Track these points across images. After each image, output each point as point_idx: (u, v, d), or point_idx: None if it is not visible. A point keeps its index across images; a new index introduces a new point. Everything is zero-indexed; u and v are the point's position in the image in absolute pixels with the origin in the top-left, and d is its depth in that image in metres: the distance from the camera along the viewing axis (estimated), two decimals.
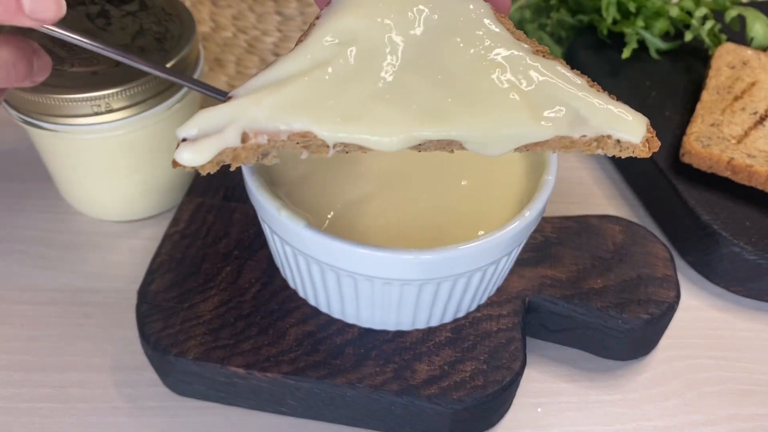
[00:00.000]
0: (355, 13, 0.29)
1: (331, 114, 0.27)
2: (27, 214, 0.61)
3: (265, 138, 0.27)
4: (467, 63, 0.29)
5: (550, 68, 0.29)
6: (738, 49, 0.68)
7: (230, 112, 0.27)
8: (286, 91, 0.27)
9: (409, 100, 0.28)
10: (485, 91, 0.28)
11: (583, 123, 0.29)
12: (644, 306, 0.49)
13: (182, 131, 0.27)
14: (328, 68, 0.28)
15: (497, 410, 0.48)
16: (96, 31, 0.54)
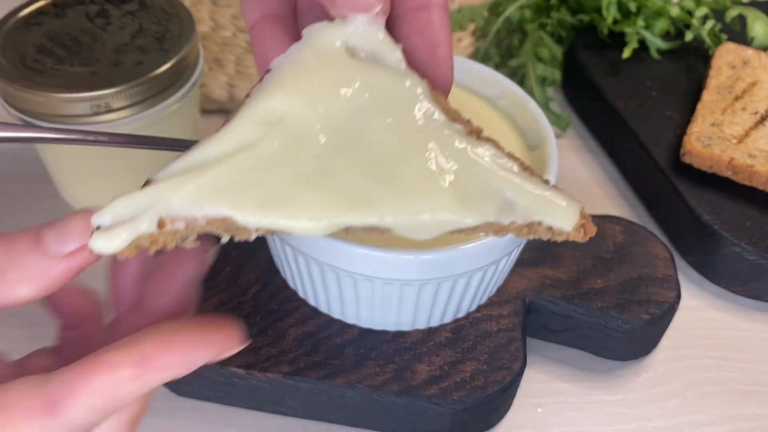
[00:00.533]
0: (284, 93, 0.28)
1: (251, 200, 0.27)
2: (27, 214, 0.61)
3: (183, 224, 0.27)
4: (397, 146, 0.28)
5: (482, 151, 0.29)
6: (739, 49, 0.67)
7: (148, 198, 0.27)
8: (206, 177, 0.27)
9: (335, 186, 0.27)
10: (412, 176, 0.28)
11: (512, 209, 0.28)
12: (645, 306, 0.49)
13: (96, 218, 0.27)
14: (252, 151, 0.27)
15: (497, 410, 0.48)
16: (95, 31, 0.54)
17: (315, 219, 0.27)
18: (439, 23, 0.32)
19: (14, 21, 0.54)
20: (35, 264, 0.28)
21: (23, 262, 0.28)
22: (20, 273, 0.28)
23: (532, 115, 0.49)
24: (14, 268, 0.28)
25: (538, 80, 0.70)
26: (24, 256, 0.28)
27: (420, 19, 0.32)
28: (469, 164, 0.28)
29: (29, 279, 0.28)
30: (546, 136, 0.47)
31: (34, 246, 0.29)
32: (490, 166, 0.28)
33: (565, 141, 0.71)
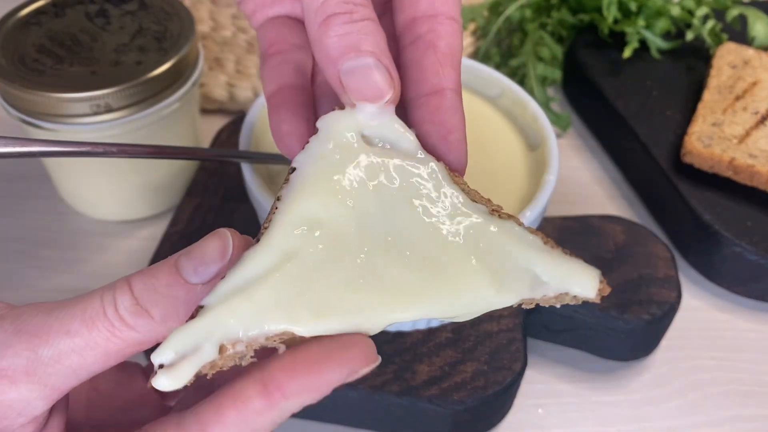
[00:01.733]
0: (315, 195, 0.29)
1: (305, 312, 0.27)
2: (27, 214, 0.61)
3: (243, 346, 0.27)
4: (428, 234, 0.29)
5: (508, 231, 0.30)
6: (739, 49, 0.67)
7: (205, 327, 0.27)
8: (258, 294, 0.27)
9: (380, 285, 0.28)
10: (448, 264, 0.29)
11: (542, 285, 0.29)
12: (645, 306, 0.49)
13: (158, 357, 0.26)
14: (296, 261, 0.28)
15: (498, 411, 0.47)
16: (95, 31, 0.54)
17: (369, 323, 0.28)
18: (452, 109, 0.32)
19: (14, 21, 0.54)
20: (180, 297, 0.28)
21: (168, 298, 0.28)
22: (166, 309, 0.28)
23: (533, 114, 0.49)
24: (160, 305, 0.28)
25: (538, 80, 0.70)
26: (168, 291, 0.28)
27: (432, 104, 0.32)
28: (498, 245, 0.29)
29: (175, 314, 0.28)
30: (546, 135, 0.47)
31: (175, 280, 0.28)
32: (518, 244, 0.29)
33: (565, 141, 0.71)
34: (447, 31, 0.32)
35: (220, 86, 0.70)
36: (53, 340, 0.27)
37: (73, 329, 0.27)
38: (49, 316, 0.27)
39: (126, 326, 0.27)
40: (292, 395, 0.27)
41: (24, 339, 0.27)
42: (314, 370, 0.27)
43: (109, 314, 0.27)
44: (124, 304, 0.27)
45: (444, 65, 0.32)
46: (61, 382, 0.27)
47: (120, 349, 0.28)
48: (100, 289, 0.28)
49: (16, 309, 0.28)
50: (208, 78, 0.71)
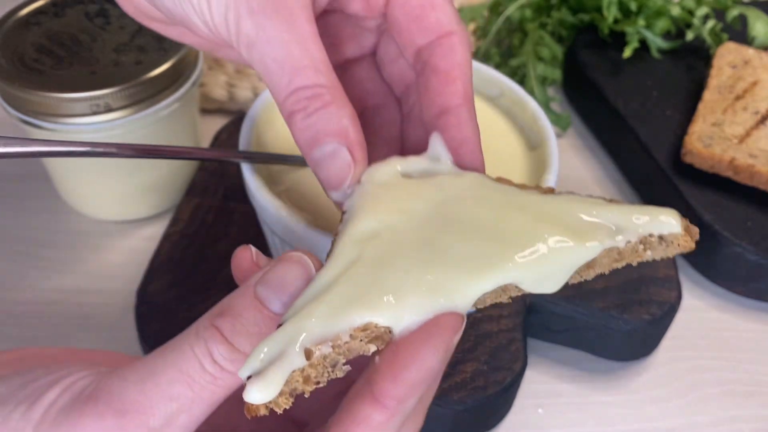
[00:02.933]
0: (369, 213, 0.30)
1: (382, 299, 0.27)
2: (27, 214, 0.61)
3: (329, 346, 0.26)
4: (489, 215, 0.29)
5: (568, 198, 0.30)
6: (739, 49, 0.67)
7: (286, 334, 0.26)
8: (331, 296, 0.27)
9: (451, 261, 0.28)
10: (519, 230, 0.28)
11: (622, 231, 0.29)
12: (646, 306, 0.49)
13: (245, 370, 0.26)
14: (361, 262, 0.28)
15: (498, 411, 0.47)
16: (95, 30, 0.54)
17: (452, 300, 0.27)
18: (459, 124, 0.33)
19: (13, 20, 0.54)
20: (271, 330, 0.27)
21: (260, 335, 0.27)
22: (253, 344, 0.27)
23: (533, 114, 0.49)
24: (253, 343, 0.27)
25: (538, 80, 0.70)
26: (258, 328, 0.27)
27: (440, 124, 0.33)
28: (565, 209, 0.29)
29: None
30: (546, 135, 0.47)
31: (263, 315, 0.27)
32: (584, 205, 0.29)
33: (565, 140, 0.71)
34: (446, 49, 0.33)
35: (220, 86, 0.70)
36: (159, 410, 0.26)
37: (176, 393, 0.26)
38: (145, 385, 0.26)
39: (227, 374, 0.27)
40: (405, 397, 0.27)
41: (129, 419, 0.26)
42: (414, 364, 0.27)
43: (207, 367, 0.27)
44: (220, 353, 0.27)
45: (447, 83, 0.33)
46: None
47: (223, 396, 0.27)
48: (187, 338, 0.27)
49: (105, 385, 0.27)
50: (208, 78, 0.71)
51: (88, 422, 0.25)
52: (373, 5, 0.35)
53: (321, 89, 0.31)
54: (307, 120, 0.31)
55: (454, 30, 0.33)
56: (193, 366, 0.26)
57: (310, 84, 0.31)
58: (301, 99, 0.31)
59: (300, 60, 0.30)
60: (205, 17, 0.32)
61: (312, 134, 0.31)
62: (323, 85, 0.31)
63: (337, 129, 0.30)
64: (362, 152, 0.31)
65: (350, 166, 0.31)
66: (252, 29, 0.31)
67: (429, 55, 0.34)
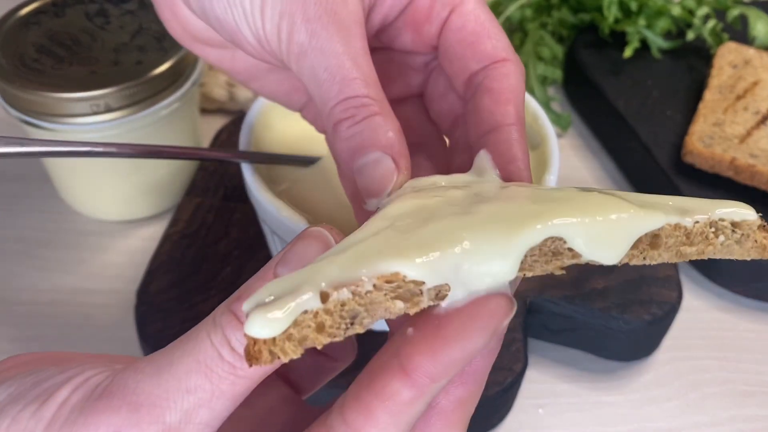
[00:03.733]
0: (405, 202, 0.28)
1: (415, 247, 0.23)
2: (27, 214, 0.61)
3: (348, 292, 0.23)
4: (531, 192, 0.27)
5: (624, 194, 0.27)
6: (740, 49, 0.67)
7: (303, 275, 0.23)
8: (359, 246, 0.24)
9: (492, 217, 0.25)
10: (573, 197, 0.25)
11: (690, 212, 0.26)
12: (646, 306, 0.49)
13: (250, 303, 0.23)
14: (393, 227, 0.25)
15: (498, 411, 0.47)
16: (95, 30, 0.54)
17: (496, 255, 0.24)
18: (510, 141, 0.32)
19: (14, 20, 0.54)
20: None
21: None
22: None
23: (533, 114, 0.49)
24: None
25: (539, 79, 0.70)
26: None
27: (491, 140, 0.32)
28: (619, 193, 0.26)
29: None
30: (547, 135, 0.47)
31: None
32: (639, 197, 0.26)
33: (565, 140, 0.71)
34: (500, 73, 0.33)
35: (220, 86, 0.70)
36: (176, 403, 0.24)
37: (193, 385, 0.24)
38: (161, 377, 0.25)
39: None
40: (440, 375, 0.24)
41: (145, 413, 0.24)
42: (457, 341, 0.24)
43: (225, 356, 0.25)
44: (239, 340, 0.25)
45: (500, 104, 0.33)
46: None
47: (246, 387, 0.25)
48: (204, 326, 0.25)
49: (120, 379, 0.25)
50: (208, 78, 0.71)
51: (103, 418, 0.24)
52: (425, 36, 0.35)
53: (369, 100, 0.31)
54: (354, 128, 0.30)
55: (509, 57, 0.33)
56: (211, 355, 0.25)
57: (359, 94, 0.30)
58: (349, 108, 0.30)
59: (351, 72, 0.30)
60: (257, 25, 0.32)
61: (357, 143, 0.30)
62: (371, 96, 0.31)
63: (383, 140, 0.30)
64: (406, 162, 0.31)
65: (393, 173, 0.30)
66: (305, 38, 0.31)
67: (483, 78, 0.34)
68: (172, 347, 0.26)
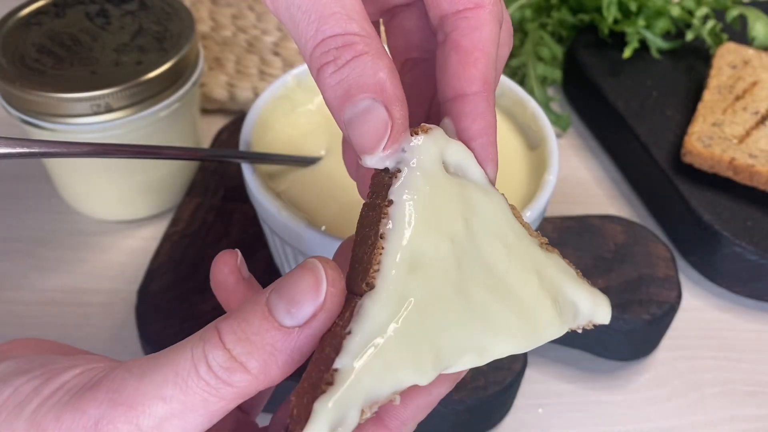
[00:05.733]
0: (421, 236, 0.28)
1: (428, 362, 0.26)
2: (27, 214, 0.61)
3: (377, 407, 0.25)
4: (513, 272, 0.29)
5: (557, 265, 0.30)
6: (739, 49, 0.67)
7: (348, 395, 0.25)
8: (387, 351, 0.26)
9: (485, 322, 0.28)
10: (528, 299, 0.29)
11: (580, 315, 0.30)
12: (646, 306, 0.49)
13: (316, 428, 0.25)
14: (412, 306, 0.27)
15: (498, 411, 0.47)
16: (95, 30, 0.54)
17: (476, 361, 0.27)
18: (473, 114, 0.30)
19: (14, 21, 0.54)
20: (277, 344, 0.25)
21: (264, 347, 0.25)
22: (264, 360, 0.25)
23: (533, 114, 0.49)
24: (255, 356, 0.25)
25: (538, 80, 0.70)
26: (262, 339, 0.25)
27: (454, 110, 0.30)
28: (555, 279, 0.30)
29: (274, 363, 0.25)
30: (546, 135, 0.47)
31: (269, 325, 0.25)
32: (566, 278, 0.30)
33: (565, 141, 0.71)
34: (471, 26, 0.30)
35: (220, 86, 0.70)
36: (150, 408, 0.24)
37: (168, 394, 0.24)
38: (142, 380, 0.25)
39: (223, 384, 0.25)
40: (409, 420, 0.27)
41: (121, 412, 0.24)
42: (425, 392, 0.27)
43: (202, 373, 0.25)
44: (216, 360, 0.25)
45: (467, 65, 0.30)
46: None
47: (221, 407, 0.25)
48: (191, 340, 0.25)
49: (111, 373, 0.25)
50: (208, 78, 0.71)
51: (87, 409, 0.24)
52: None
53: (354, 37, 0.27)
54: (338, 73, 0.27)
55: (483, 4, 0.30)
56: (188, 369, 0.25)
57: (340, 32, 0.27)
58: (330, 49, 0.27)
59: (329, 6, 0.27)
60: None
61: (344, 89, 0.27)
62: (356, 32, 0.27)
63: (372, 83, 0.27)
64: (402, 110, 0.28)
65: (387, 125, 0.27)
66: None
67: (452, 28, 0.30)
68: (161, 353, 0.26)
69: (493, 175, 0.31)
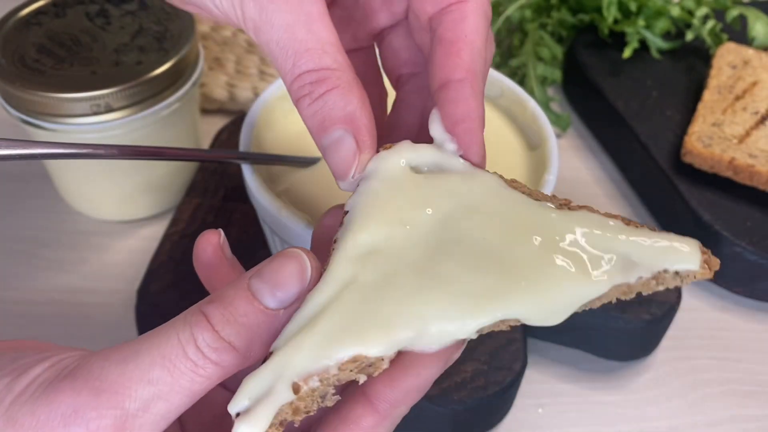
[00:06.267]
0: (368, 225, 0.28)
1: (374, 330, 0.26)
2: (27, 214, 0.61)
3: (317, 380, 0.26)
4: (498, 238, 0.28)
5: (582, 219, 0.28)
6: (739, 49, 0.67)
7: (274, 369, 0.26)
8: (321, 326, 0.26)
9: (451, 291, 0.27)
10: (526, 261, 0.27)
11: (635, 266, 0.27)
12: (646, 306, 0.49)
13: (234, 407, 0.25)
14: (354, 285, 0.27)
15: (498, 411, 0.47)
16: (95, 31, 0.54)
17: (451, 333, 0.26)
18: (458, 99, 0.30)
19: (14, 21, 0.54)
20: (262, 324, 0.26)
21: (250, 327, 0.26)
22: (249, 339, 0.26)
23: (533, 114, 0.49)
24: (242, 336, 0.26)
25: (538, 80, 0.70)
26: (248, 320, 0.26)
27: (441, 98, 0.31)
28: (577, 236, 0.28)
29: (259, 342, 0.26)
30: (546, 135, 0.47)
31: (254, 307, 0.26)
32: (597, 230, 0.28)
33: (565, 141, 0.71)
34: (454, 18, 0.31)
35: (220, 86, 0.70)
36: (137, 392, 0.25)
37: (155, 377, 0.25)
38: (126, 366, 0.26)
39: (210, 363, 0.26)
40: (399, 402, 0.27)
41: (105, 398, 0.25)
42: (412, 370, 0.27)
43: (190, 354, 0.26)
44: (205, 340, 0.26)
45: (450, 55, 0.31)
46: (152, 430, 0.26)
47: (206, 387, 0.26)
48: (174, 323, 0.27)
49: (86, 363, 0.26)
50: (208, 78, 0.71)
51: (63, 398, 0.25)
52: None
53: (326, 72, 0.29)
54: (313, 106, 0.30)
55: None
56: (176, 351, 0.26)
57: (314, 68, 0.29)
58: (305, 84, 0.29)
59: (304, 42, 0.29)
60: (215, 2, 0.31)
61: (318, 121, 0.30)
62: (329, 67, 0.29)
63: (342, 115, 0.29)
64: (370, 138, 0.30)
65: (355, 155, 0.30)
66: (256, 13, 0.30)
67: (438, 24, 0.31)
68: (141, 339, 0.27)
69: (477, 159, 0.31)
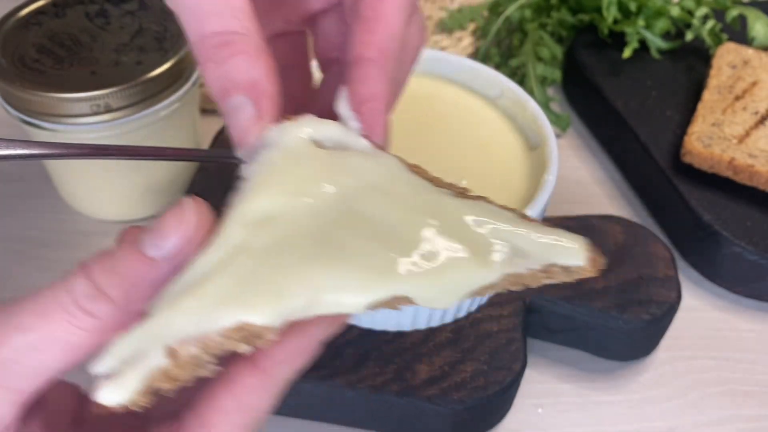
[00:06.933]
0: (265, 193, 0.28)
1: (263, 296, 0.25)
2: (27, 214, 0.61)
3: (195, 347, 0.24)
4: (394, 220, 0.28)
5: (479, 209, 0.29)
6: (739, 49, 0.67)
7: (150, 331, 0.24)
8: (205, 289, 0.24)
9: (347, 263, 0.26)
10: (420, 243, 0.27)
11: (526, 258, 0.28)
12: (645, 306, 0.49)
13: (97, 366, 0.23)
14: (247, 251, 0.26)
15: (498, 411, 0.48)
16: (95, 31, 0.54)
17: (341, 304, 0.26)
18: (366, 77, 0.29)
19: (14, 21, 0.54)
20: (142, 275, 0.25)
21: (129, 278, 0.25)
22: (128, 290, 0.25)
23: (532, 114, 0.49)
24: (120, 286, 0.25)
25: (538, 80, 0.70)
26: (127, 269, 0.25)
27: (348, 76, 0.30)
28: (472, 223, 0.28)
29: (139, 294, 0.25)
30: (546, 135, 0.47)
31: (134, 255, 0.25)
32: (492, 220, 0.28)
33: (565, 141, 0.71)
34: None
35: None
36: (7, 339, 0.24)
37: (26, 323, 0.24)
38: (2, 313, 0.25)
39: (85, 313, 0.24)
40: (283, 360, 0.26)
41: None
42: (298, 332, 0.26)
43: (64, 302, 0.25)
44: (80, 288, 0.25)
45: (364, 33, 0.30)
46: (24, 383, 0.25)
47: (83, 341, 0.25)
48: (55, 281, 0.26)
49: None
50: None
51: None
52: None
53: (233, 36, 0.28)
54: (216, 70, 0.28)
55: None
56: (50, 299, 0.25)
57: (220, 30, 0.28)
58: (209, 47, 0.28)
59: (213, 5, 0.28)
60: None
61: (220, 85, 0.28)
62: (235, 31, 0.28)
63: (245, 80, 0.28)
64: (270, 105, 0.28)
65: (254, 121, 0.28)
66: None
67: (360, 2, 0.30)
68: (30, 294, 0.26)
69: (380, 140, 0.30)
